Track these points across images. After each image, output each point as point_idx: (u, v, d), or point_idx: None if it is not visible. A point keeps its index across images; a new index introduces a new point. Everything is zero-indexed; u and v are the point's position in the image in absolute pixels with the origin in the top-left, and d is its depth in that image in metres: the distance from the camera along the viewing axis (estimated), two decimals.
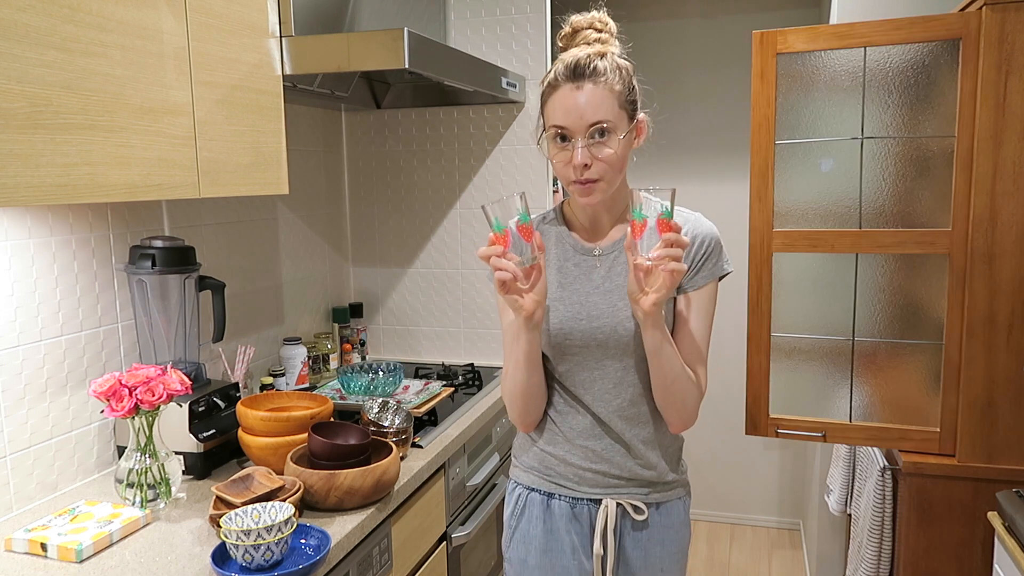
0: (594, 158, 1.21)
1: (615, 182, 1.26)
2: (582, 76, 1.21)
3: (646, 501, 1.36)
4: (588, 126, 1.20)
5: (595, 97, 1.20)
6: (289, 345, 2.21)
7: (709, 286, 1.31)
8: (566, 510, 1.38)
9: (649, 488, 1.37)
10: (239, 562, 1.24)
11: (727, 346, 3.45)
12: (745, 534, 3.45)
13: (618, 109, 1.22)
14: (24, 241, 1.51)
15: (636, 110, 1.27)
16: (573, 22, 1.29)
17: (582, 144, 1.21)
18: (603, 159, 1.21)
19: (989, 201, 1.71)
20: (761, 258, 1.95)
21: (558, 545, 1.38)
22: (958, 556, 1.81)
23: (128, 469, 1.49)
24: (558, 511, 1.38)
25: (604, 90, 1.21)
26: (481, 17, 2.48)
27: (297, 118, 2.39)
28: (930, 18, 1.74)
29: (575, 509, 1.38)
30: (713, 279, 1.31)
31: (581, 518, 1.38)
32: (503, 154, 2.53)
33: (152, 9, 1.33)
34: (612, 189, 1.26)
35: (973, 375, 1.76)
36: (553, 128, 1.23)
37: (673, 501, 1.40)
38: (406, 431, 1.74)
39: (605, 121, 1.20)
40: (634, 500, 1.36)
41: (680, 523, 1.41)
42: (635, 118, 1.26)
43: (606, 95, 1.21)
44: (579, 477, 1.37)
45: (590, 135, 1.21)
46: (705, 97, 3.33)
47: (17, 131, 1.08)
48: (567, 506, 1.38)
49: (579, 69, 1.21)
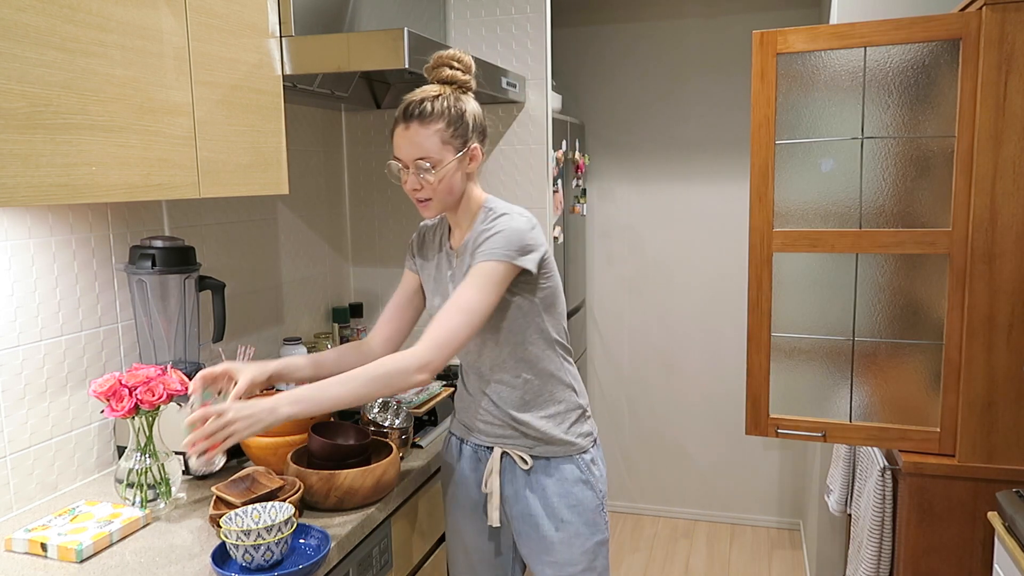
0: (423, 183, 1.47)
1: (447, 200, 1.50)
2: (411, 117, 1.45)
3: (529, 452, 1.58)
4: (414, 159, 1.46)
5: (419, 136, 1.45)
6: (289, 345, 2.21)
7: (479, 265, 1.45)
8: (470, 453, 1.66)
9: (533, 442, 1.58)
10: (239, 562, 1.24)
11: (727, 346, 3.45)
12: (745, 534, 3.45)
13: (441, 145, 1.46)
14: (24, 241, 1.51)
15: (466, 142, 1.49)
16: (435, 56, 1.51)
17: (412, 172, 1.47)
18: (430, 184, 1.47)
19: (989, 201, 1.71)
20: (761, 258, 1.95)
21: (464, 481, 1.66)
22: (958, 556, 1.81)
23: (128, 469, 1.49)
24: (466, 453, 1.66)
25: (428, 130, 1.45)
26: (481, 17, 2.48)
27: (297, 118, 2.39)
28: (930, 18, 1.74)
29: (477, 453, 1.65)
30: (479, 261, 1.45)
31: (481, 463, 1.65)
32: (503, 154, 2.53)
33: (152, 9, 1.33)
34: (447, 205, 1.51)
35: (973, 375, 1.76)
36: (393, 158, 1.49)
37: (558, 459, 1.58)
38: (406, 431, 1.74)
39: (427, 157, 1.45)
40: (523, 453, 1.58)
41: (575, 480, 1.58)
42: (465, 148, 1.49)
43: (429, 135, 1.45)
44: (472, 430, 1.64)
45: (416, 166, 1.46)
46: (705, 97, 3.33)
47: (17, 131, 1.08)
48: (471, 450, 1.66)
49: (409, 110, 1.46)
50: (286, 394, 1.33)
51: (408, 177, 1.48)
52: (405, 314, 1.69)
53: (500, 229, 1.46)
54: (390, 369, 1.37)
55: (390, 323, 1.68)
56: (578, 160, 3.14)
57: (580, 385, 1.65)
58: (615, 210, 3.51)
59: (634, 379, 3.60)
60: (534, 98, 2.47)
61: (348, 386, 1.35)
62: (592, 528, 1.58)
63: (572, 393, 1.60)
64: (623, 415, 3.63)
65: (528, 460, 1.57)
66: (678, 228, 3.45)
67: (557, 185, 2.70)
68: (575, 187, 3.14)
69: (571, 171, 3.06)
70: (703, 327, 3.47)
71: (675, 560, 3.23)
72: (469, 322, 1.40)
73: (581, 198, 3.24)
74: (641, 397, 3.60)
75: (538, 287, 1.52)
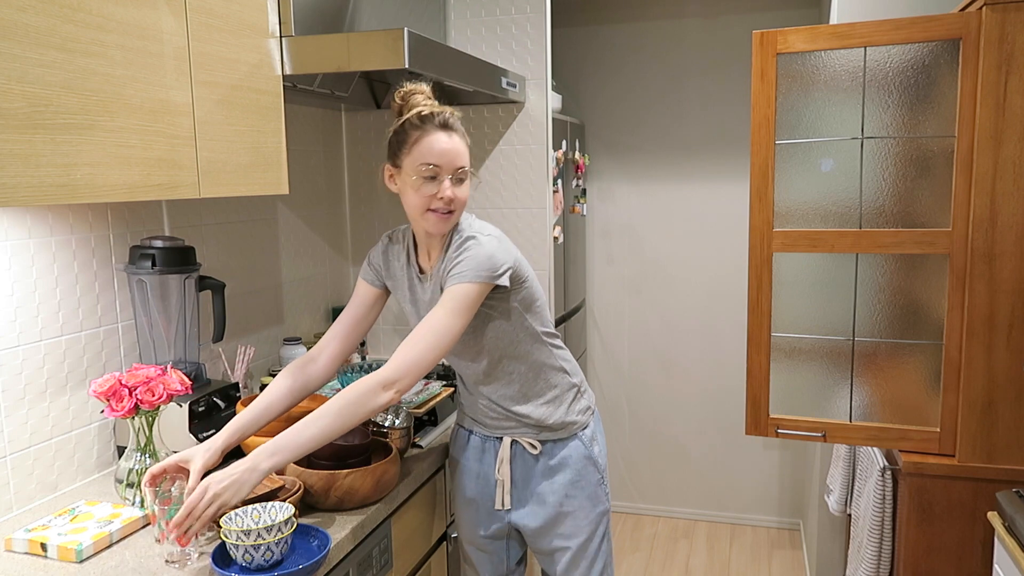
0: (457, 194, 1.50)
1: (460, 215, 1.55)
2: (451, 127, 1.50)
3: (537, 439, 1.65)
4: (457, 168, 1.50)
5: (459, 146, 1.51)
6: (289, 345, 2.22)
7: (452, 288, 1.47)
8: (478, 443, 1.71)
9: (536, 430, 1.64)
10: (239, 562, 1.24)
11: (727, 346, 3.45)
12: (745, 534, 3.45)
13: (469, 160, 1.53)
14: (24, 241, 1.51)
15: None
16: (407, 87, 1.54)
17: (453, 181, 1.49)
18: (461, 197, 1.51)
19: (989, 201, 1.71)
20: (761, 258, 1.95)
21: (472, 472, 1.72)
22: (958, 556, 1.81)
23: (128, 469, 1.49)
24: (473, 443, 1.72)
25: (463, 142, 1.52)
26: (481, 17, 2.48)
27: (297, 118, 2.39)
28: (930, 18, 1.74)
29: (484, 443, 1.70)
30: (452, 284, 1.47)
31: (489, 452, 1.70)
32: (503, 154, 2.53)
33: (152, 9, 1.33)
34: (457, 221, 1.55)
35: (973, 375, 1.76)
36: (426, 165, 1.47)
37: (564, 440, 1.66)
38: (406, 431, 1.74)
39: (466, 167, 1.52)
40: (531, 439, 1.65)
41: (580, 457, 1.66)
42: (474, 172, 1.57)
43: (464, 147, 1.52)
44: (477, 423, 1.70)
45: (458, 176, 1.50)
46: (705, 97, 3.33)
47: (17, 131, 1.08)
48: (479, 440, 1.71)
49: (447, 121, 1.50)
50: (261, 448, 1.33)
51: (446, 185, 1.48)
52: (357, 330, 1.66)
53: (470, 254, 1.48)
54: (358, 394, 1.37)
55: (342, 340, 1.64)
56: (578, 160, 3.14)
57: (572, 364, 1.70)
58: (615, 210, 3.51)
59: (634, 379, 3.60)
60: (534, 98, 2.47)
61: (320, 423, 1.35)
62: (594, 501, 1.67)
63: (564, 375, 1.67)
64: (623, 415, 3.63)
65: (537, 445, 1.65)
66: (678, 228, 3.45)
67: (557, 185, 2.70)
68: (575, 187, 3.14)
69: (571, 171, 3.06)
70: (703, 327, 3.47)
71: (675, 560, 3.23)
72: (438, 344, 1.42)
73: (581, 198, 3.24)
74: (641, 397, 3.60)
75: (513, 293, 1.56)
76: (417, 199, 1.49)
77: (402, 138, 1.50)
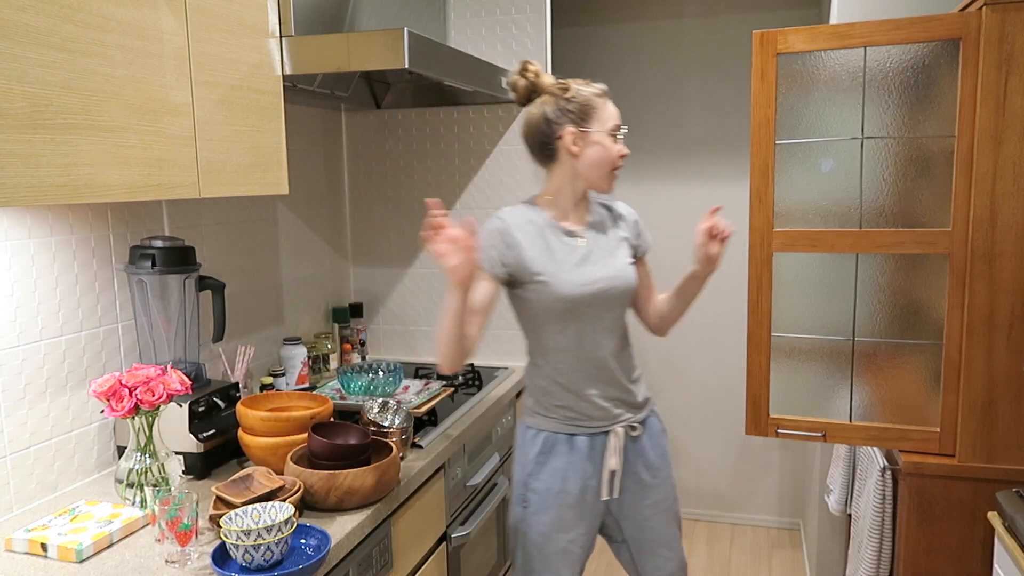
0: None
1: None
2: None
3: (638, 421, 1.74)
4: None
5: None
6: (289, 345, 2.21)
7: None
8: (585, 443, 1.70)
9: (637, 410, 1.75)
10: (239, 562, 1.24)
11: (727, 346, 3.45)
12: (745, 534, 3.45)
13: None
14: (24, 241, 1.51)
15: None
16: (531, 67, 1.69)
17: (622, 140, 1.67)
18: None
19: (989, 201, 1.71)
20: (761, 258, 1.95)
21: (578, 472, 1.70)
22: (958, 556, 1.81)
23: (128, 469, 1.49)
24: (579, 445, 1.70)
25: None
26: (481, 17, 2.48)
27: (297, 118, 2.39)
28: (930, 18, 1.74)
29: (592, 440, 1.71)
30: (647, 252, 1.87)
31: (597, 447, 1.71)
32: (503, 154, 2.53)
33: (152, 9, 1.33)
34: None
35: (973, 375, 1.76)
36: (618, 125, 1.66)
37: (647, 418, 1.78)
38: (406, 431, 1.74)
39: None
40: (632, 423, 1.73)
41: (659, 431, 1.81)
42: None
43: None
44: (591, 418, 1.71)
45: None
46: (705, 97, 3.33)
47: (17, 131, 1.08)
48: (586, 439, 1.70)
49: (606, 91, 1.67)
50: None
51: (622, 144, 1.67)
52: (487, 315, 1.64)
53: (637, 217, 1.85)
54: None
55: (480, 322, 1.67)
56: None
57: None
58: None
59: None
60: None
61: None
62: (671, 467, 1.82)
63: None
64: None
65: (637, 427, 1.74)
66: (678, 228, 3.44)
67: None
68: None
69: None
70: (703, 327, 3.47)
71: None
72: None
73: None
74: None
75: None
76: (607, 156, 1.64)
77: (592, 104, 1.64)
